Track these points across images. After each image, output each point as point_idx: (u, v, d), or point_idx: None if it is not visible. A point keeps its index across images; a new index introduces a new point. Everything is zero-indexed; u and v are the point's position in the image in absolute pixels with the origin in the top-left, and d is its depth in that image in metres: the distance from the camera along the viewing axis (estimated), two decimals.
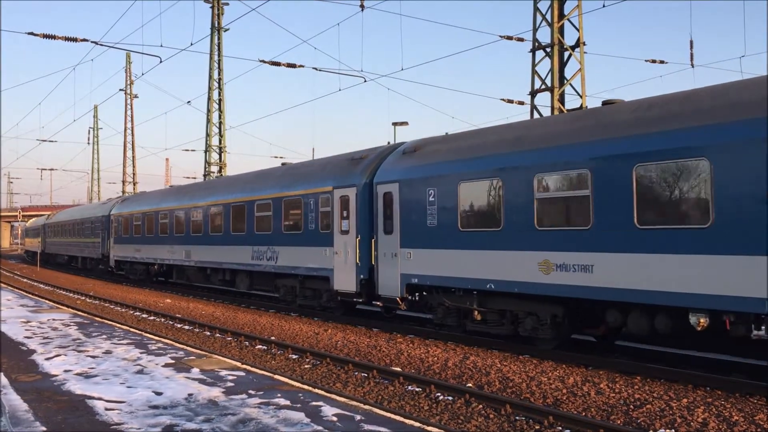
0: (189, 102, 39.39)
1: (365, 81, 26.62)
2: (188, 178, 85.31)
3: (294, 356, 13.24)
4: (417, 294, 14.77)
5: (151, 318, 20.00)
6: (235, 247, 21.57)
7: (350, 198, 16.23)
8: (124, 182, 59.62)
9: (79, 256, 43.32)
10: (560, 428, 8.12)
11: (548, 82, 21.38)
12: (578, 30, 21.42)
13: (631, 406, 8.90)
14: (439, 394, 9.89)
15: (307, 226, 17.66)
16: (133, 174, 59.36)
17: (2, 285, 30.49)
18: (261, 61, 28.58)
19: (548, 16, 21.26)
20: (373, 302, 16.20)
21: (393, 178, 15.12)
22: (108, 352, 11.44)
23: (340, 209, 16.51)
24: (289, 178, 19.45)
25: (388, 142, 18.05)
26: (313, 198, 17.58)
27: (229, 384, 8.84)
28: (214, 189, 24.15)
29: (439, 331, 14.88)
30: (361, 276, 15.84)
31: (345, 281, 16.39)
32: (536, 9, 21.52)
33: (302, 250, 17.91)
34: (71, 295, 28.27)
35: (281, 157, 74.16)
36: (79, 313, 18.49)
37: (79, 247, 42.51)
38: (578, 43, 21.42)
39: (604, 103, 12.25)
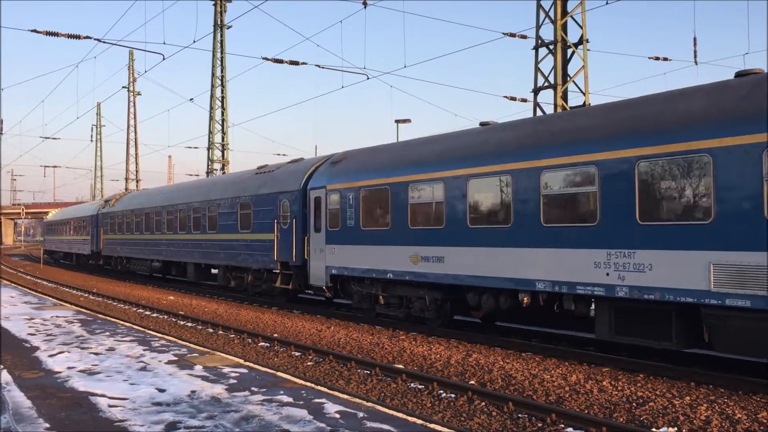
0: (192, 99, 39.48)
1: (368, 78, 26.61)
2: (190, 175, 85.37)
3: (297, 353, 13.25)
4: None
5: (155, 315, 20.03)
6: None
7: None
8: (127, 179, 59.68)
9: (199, 263, 25.67)
10: (563, 426, 8.11)
11: (551, 79, 21.35)
12: (581, 27, 21.39)
13: (634, 404, 8.89)
14: (441, 391, 9.89)
15: None
16: (136, 171, 59.43)
17: (6, 282, 30.55)
18: (264, 58, 28.58)
19: (551, 14, 21.23)
20: None
21: None
22: (111, 349, 11.47)
23: None
24: None
25: None
26: None
27: (232, 381, 8.86)
28: None
29: None
30: None
31: None
32: (539, 6, 21.48)
33: None
34: (74, 292, 28.32)
35: (284, 155, 74.18)
36: (83, 310, 18.52)
37: (203, 249, 24.68)
38: (581, 41, 21.39)
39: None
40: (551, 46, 21.29)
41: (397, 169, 15.24)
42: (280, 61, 28.51)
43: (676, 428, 7.95)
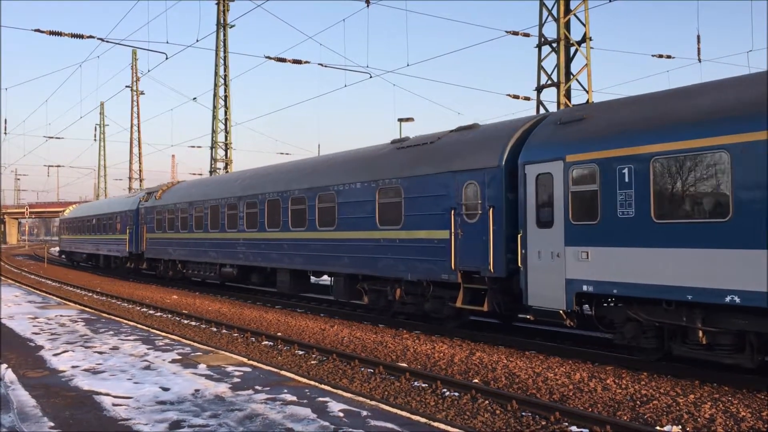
0: (195, 98, 39.47)
1: (371, 77, 26.63)
2: (194, 174, 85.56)
3: (300, 352, 13.26)
4: None
5: (158, 314, 20.07)
6: None
7: None
8: (130, 179, 59.80)
9: (301, 270, 19.54)
10: (566, 424, 8.11)
11: (554, 77, 21.33)
12: (584, 25, 21.35)
13: (638, 402, 8.88)
14: (445, 389, 9.90)
15: None
16: (140, 171, 59.52)
17: (11, 281, 30.64)
18: (267, 57, 28.61)
19: (554, 12, 21.20)
20: None
21: None
22: (115, 348, 11.49)
23: None
24: None
25: None
26: None
27: (236, 380, 8.87)
28: None
29: None
30: None
31: None
32: (542, 4, 21.46)
33: None
34: (78, 291, 28.38)
35: (287, 154, 74.49)
36: (87, 309, 18.56)
37: (310, 252, 18.55)
38: (584, 39, 21.35)
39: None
40: (554, 44, 21.26)
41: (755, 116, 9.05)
42: (283, 60, 28.54)
43: (680, 426, 7.94)
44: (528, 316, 12.64)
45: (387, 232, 15.50)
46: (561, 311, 11.46)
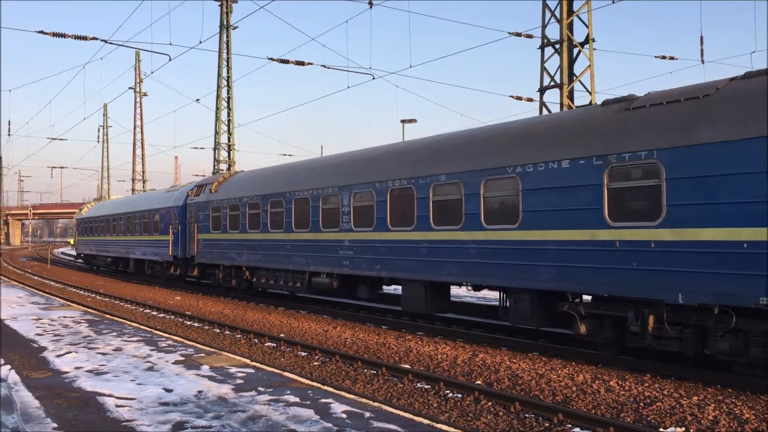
0: (198, 100, 39.52)
1: (374, 78, 26.65)
2: (196, 175, 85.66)
3: (303, 353, 13.26)
4: None
5: (161, 315, 20.08)
6: None
7: None
8: (133, 180, 59.90)
9: (456, 282, 14.17)
10: (570, 426, 8.10)
11: (557, 78, 21.32)
12: (587, 26, 21.34)
13: (641, 404, 8.87)
14: (448, 391, 9.89)
15: None
16: (143, 172, 59.62)
17: (14, 282, 30.71)
18: (269, 58, 28.66)
19: (557, 13, 21.20)
20: None
21: None
22: (118, 349, 11.50)
23: None
24: None
25: None
26: None
27: (239, 381, 8.88)
28: None
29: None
30: None
31: None
32: (545, 5, 21.45)
33: None
34: (82, 292, 28.41)
35: (290, 155, 74.69)
36: (90, 310, 18.59)
37: (480, 259, 13.28)
38: (587, 40, 21.34)
39: None
40: (557, 46, 21.26)
41: None
42: (286, 62, 28.58)
43: (683, 428, 7.93)
44: None
45: (628, 230, 10.49)
46: None
